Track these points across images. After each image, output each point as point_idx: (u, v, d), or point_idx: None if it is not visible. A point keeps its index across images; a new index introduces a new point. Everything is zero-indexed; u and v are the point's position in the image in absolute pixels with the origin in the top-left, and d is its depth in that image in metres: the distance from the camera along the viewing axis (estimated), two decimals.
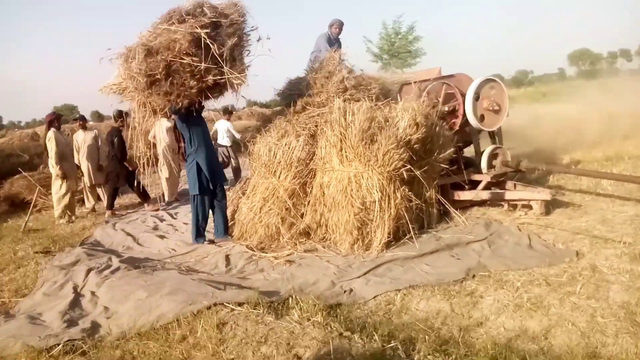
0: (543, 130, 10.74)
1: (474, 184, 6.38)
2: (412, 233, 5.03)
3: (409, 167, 5.08)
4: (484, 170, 6.41)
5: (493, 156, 6.53)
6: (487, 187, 6.24)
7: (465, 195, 6.18)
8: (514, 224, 5.40)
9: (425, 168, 5.46)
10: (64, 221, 7.85)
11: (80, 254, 5.63)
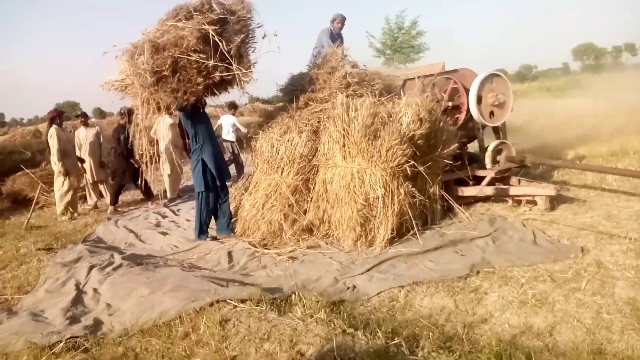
0: (548, 125, 10.67)
1: (478, 180, 6.35)
2: (416, 229, 5.01)
3: (412, 163, 5.05)
4: (488, 166, 6.37)
5: (497, 152, 6.48)
6: (491, 183, 6.21)
7: (469, 191, 6.15)
8: (518, 220, 5.37)
9: (429, 164, 5.43)
10: (66, 218, 7.85)
11: (83, 251, 5.62)
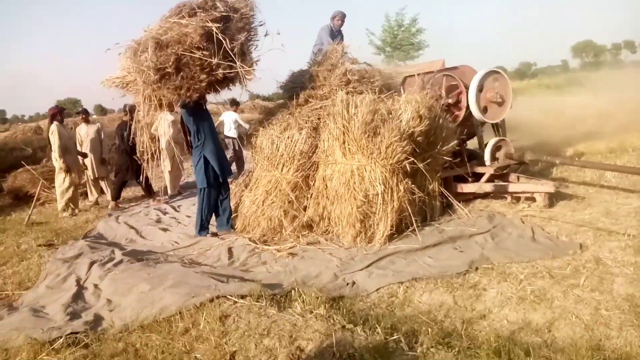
0: (547, 123, 10.67)
1: (477, 177, 6.36)
2: (415, 226, 5.02)
3: (412, 159, 5.05)
4: (487, 163, 6.37)
5: (496, 148, 6.49)
6: (490, 180, 6.22)
7: (469, 187, 6.16)
8: (517, 217, 5.38)
9: (429, 160, 5.44)
10: (67, 214, 7.86)
11: (83, 247, 5.64)
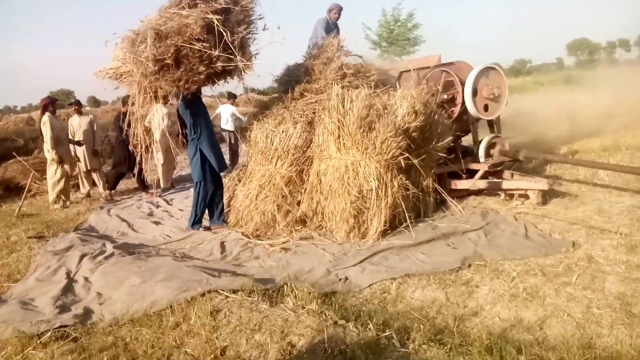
0: (541, 120, 10.69)
1: (471, 173, 6.36)
2: (409, 222, 5.01)
3: (406, 155, 5.04)
4: (482, 160, 6.37)
5: (491, 145, 6.49)
6: (484, 177, 6.21)
7: (463, 184, 6.15)
8: (510, 214, 5.38)
9: (423, 156, 5.42)
10: (58, 206, 7.80)
11: (74, 240, 5.59)
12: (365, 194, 4.94)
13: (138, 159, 6.02)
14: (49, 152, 7.76)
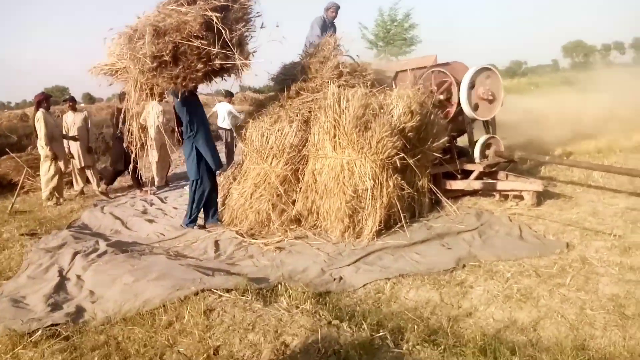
0: (535, 122, 10.71)
1: (466, 174, 6.37)
2: (404, 222, 5.01)
3: (402, 155, 5.03)
4: (477, 160, 6.39)
5: (486, 146, 6.50)
6: (479, 177, 6.23)
7: (458, 184, 6.16)
8: (505, 215, 5.40)
9: (419, 157, 5.42)
10: (51, 203, 7.73)
11: (67, 237, 5.54)
12: (361, 194, 4.93)
13: (133, 156, 5.97)
14: (42, 149, 7.69)
